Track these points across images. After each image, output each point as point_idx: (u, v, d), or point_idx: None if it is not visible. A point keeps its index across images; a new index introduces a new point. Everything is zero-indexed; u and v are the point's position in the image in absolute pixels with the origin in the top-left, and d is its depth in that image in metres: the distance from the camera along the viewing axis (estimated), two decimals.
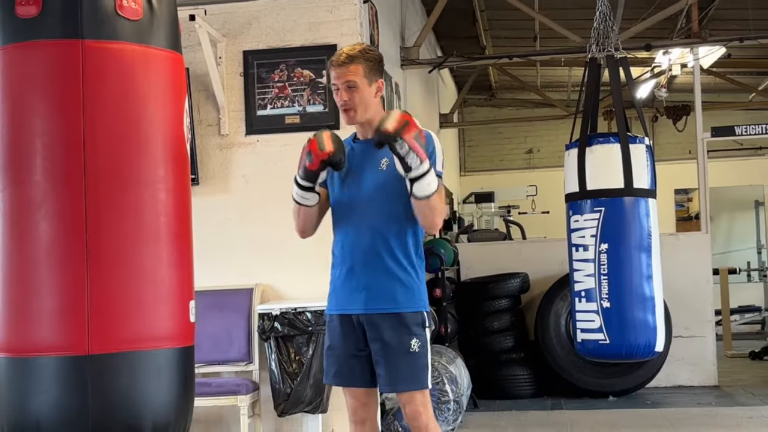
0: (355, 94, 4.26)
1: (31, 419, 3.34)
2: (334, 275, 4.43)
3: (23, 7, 3.38)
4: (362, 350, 4.30)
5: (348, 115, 4.31)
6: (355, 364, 4.30)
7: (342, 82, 4.26)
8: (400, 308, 4.24)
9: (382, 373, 4.24)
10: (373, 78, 4.34)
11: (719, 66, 13.49)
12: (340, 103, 4.30)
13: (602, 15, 7.23)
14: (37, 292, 3.35)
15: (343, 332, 4.31)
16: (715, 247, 12.70)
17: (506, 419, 8.60)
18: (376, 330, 4.22)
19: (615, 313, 6.61)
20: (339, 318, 4.33)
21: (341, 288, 4.34)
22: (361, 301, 4.24)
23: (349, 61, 4.28)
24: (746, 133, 10.73)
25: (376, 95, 4.36)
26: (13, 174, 3.39)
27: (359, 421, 4.38)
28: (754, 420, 8.00)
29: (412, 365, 4.22)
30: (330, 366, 4.36)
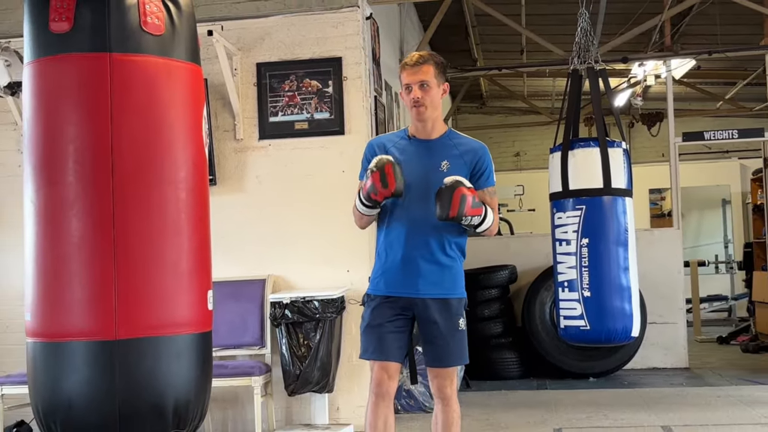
0: (427, 92, 4.30)
1: (63, 398, 3.34)
2: (385, 260, 4.42)
3: (56, 23, 3.38)
4: (401, 329, 4.37)
5: (419, 111, 4.33)
6: (394, 340, 4.34)
7: (415, 81, 4.30)
8: (449, 294, 4.38)
9: (433, 350, 4.37)
10: (441, 80, 4.39)
11: (690, 77, 13.49)
12: (412, 100, 4.32)
13: (583, 30, 7.23)
14: (69, 283, 3.35)
15: (387, 312, 4.35)
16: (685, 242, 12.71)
17: (496, 398, 8.60)
18: (428, 312, 4.32)
19: (595, 302, 6.61)
20: (385, 299, 4.37)
21: (394, 273, 4.37)
22: (415, 286, 4.31)
23: (422, 62, 4.33)
24: (714, 138, 10.73)
25: (442, 96, 4.41)
26: (47, 175, 3.40)
27: (383, 393, 4.35)
28: (722, 399, 8.00)
29: (460, 342, 4.40)
30: (370, 342, 4.37)
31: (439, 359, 4.38)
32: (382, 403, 4.35)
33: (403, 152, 4.39)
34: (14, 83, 7.06)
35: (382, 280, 4.41)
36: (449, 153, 4.38)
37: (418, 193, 4.32)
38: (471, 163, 4.39)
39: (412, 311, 4.36)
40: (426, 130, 4.40)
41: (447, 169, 4.31)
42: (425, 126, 4.39)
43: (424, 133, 4.42)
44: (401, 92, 4.46)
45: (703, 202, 17.87)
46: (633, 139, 16.42)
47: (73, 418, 3.33)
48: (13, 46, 7.14)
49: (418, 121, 4.39)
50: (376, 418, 4.34)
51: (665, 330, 10.32)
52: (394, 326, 4.34)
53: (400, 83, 4.44)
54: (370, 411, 4.37)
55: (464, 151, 4.41)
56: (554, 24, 11.29)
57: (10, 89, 7.15)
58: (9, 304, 7.52)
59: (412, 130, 4.46)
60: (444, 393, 4.42)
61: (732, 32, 11.50)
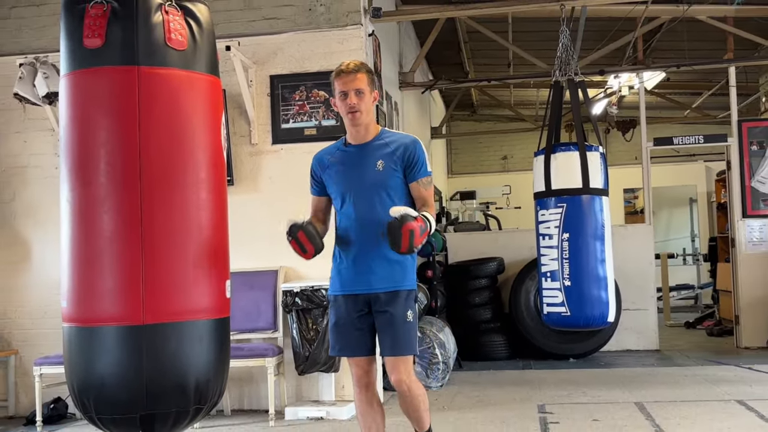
0: (361, 99, 4.21)
1: (96, 377, 3.34)
2: (340, 261, 4.33)
3: (90, 39, 3.38)
4: (365, 326, 4.26)
5: (355, 116, 4.22)
6: (359, 336, 4.25)
7: (351, 88, 4.20)
8: (398, 286, 4.22)
9: (386, 339, 4.20)
10: (373, 87, 4.30)
11: (660, 87, 13.48)
12: (348, 106, 4.21)
13: (564, 46, 7.23)
14: (101, 273, 3.35)
15: (348, 309, 4.25)
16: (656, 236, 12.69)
17: (485, 377, 8.61)
18: (380, 304, 4.19)
19: (575, 291, 6.61)
20: (344, 297, 4.27)
21: (347, 272, 4.27)
22: (368, 282, 4.20)
23: (356, 71, 4.23)
24: (682, 143, 10.73)
25: (373, 102, 4.31)
26: (81, 177, 3.40)
27: (363, 384, 4.32)
28: (689, 377, 8.00)
29: (408, 332, 4.21)
30: (336, 341, 4.29)
31: (391, 348, 4.20)
32: (365, 392, 4.32)
33: (341, 161, 4.32)
34: (52, 93, 7.06)
35: (338, 280, 4.32)
36: (382, 152, 4.25)
37: (361, 195, 4.24)
38: (403, 157, 4.24)
39: (368, 306, 4.24)
40: (360, 134, 4.29)
41: (382, 168, 4.20)
42: (359, 131, 4.28)
43: (358, 138, 4.30)
44: (333, 100, 4.33)
45: (672, 201, 17.88)
46: (609, 144, 16.42)
47: (105, 395, 3.33)
48: (50, 60, 7.14)
49: (353, 126, 4.26)
50: (361, 404, 4.34)
51: (638, 316, 10.32)
52: (358, 325, 4.24)
53: (334, 90, 4.30)
54: (356, 400, 4.37)
55: (395, 148, 4.27)
56: (538, 40, 11.29)
57: (48, 99, 7.16)
58: (46, 293, 7.52)
59: (349, 137, 4.34)
60: (401, 387, 4.23)
61: (698, 48, 11.50)
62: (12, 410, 7.52)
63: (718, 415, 6.19)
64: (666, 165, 16.28)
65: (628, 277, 10.04)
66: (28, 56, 7.32)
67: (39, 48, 7.60)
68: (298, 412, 6.78)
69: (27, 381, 7.48)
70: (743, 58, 10.88)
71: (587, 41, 10.59)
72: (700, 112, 14.89)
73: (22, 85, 7.17)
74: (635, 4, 9.35)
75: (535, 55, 10.39)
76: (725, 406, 6.55)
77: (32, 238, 7.65)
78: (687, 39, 11.04)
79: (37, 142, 7.72)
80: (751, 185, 10.34)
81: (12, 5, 7.82)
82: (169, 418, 3.39)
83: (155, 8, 3.42)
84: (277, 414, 6.80)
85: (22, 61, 7.21)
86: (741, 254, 10.35)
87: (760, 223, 10.31)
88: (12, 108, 7.69)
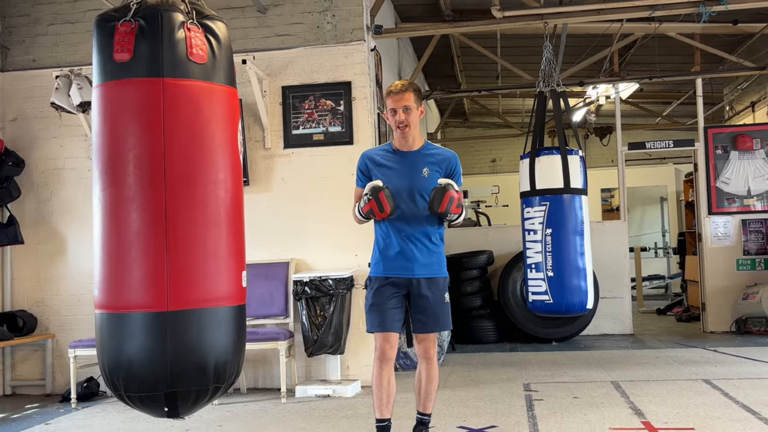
0: (409, 114, 4.41)
1: (125, 359, 3.34)
2: (384, 249, 4.49)
3: (119, 54, 3.37)
4: (399, 305, 4.44)
5: (404, 131, 4.43)
6: (394, 314, 4.42)
7: (401, 106, 4.40)
8: (436, 274, 4.48)
9: (423, 319, 4.44)
10: (419, 104, 4.49)
11: (634, 97, 13.47)
12: (398, 121, 4.41)
13: (547, 60, 7.22)
14: (129, 265, 3.34)
15: (387, 292, 4.43)
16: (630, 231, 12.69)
17: (476, 359, 8.61)
18: (420, 288, 4.41)
19: (557, 280, 6.61)
20: (385, 280, 4.44)
21: (392, 259, 4.44)
22: (411, 269, 4.41)
23: (405, 90, 4.42)
24: (654, 147, 10.72)
25: (420, 117, 4.50)
26: (112, 177, 3.39)
27: (386, 359, 4.43)
28: (660, 359, 8.00)
29: (446, 312, 4.49)
30: (375, 318, 4.43)
31: (429, 326, 4.45)
32: (386, 366, 4.43)
33: (391, 163, 4.50)
34: (85, 102, 7.07)
35: (381, 265, 4.48)
36: (428, 161, 4.48)
37: (406, 194, 4.42)
38: (445, 168, 4.50)
39: (407, 289, 4.43)
40: (408, 144, 4.50)
41: (428, 175, 4.43)
42: (407, 141, 4.49)
43: (406, 147, 4.51)
44: (385, 114, 4.53)
45: (645, 200, 17.88)
46: (588, 148, 16.42)
47: (133, 375, 3.33)
48: (84, 72, 7.15)
49: (402, 138, 4.47)
50: (381, 378, 4.43)
51: (614, 303, 10.32)
52: (393, 304, 4.41)
53: (385, 107, 4.52)
54: (376, 373, 4.45)
55: (440, 160, 4.51)
56: (524, 54, 11.29)
57: (82, 108, 7.16)
58: (80, 282, 7.53)
59: (396, 145, 4.53)
60: (429, 354, 4.52)
61: (668, 61, 11.50)
62: (49, 388, 7.53)
63: (686, 393, 6.19)
64: (639, 167, 16.28)
65: (605, 269, 10.05)
66: (63, 69, 7.33)
67: (73, 62, 7.61)
68: (307, 390, 6.79)
69: (63, 362, 7.49)
70: (709, 70, 10.89)
71: (568, 55, 10.60)
72: (670, 120, 14.89)
73: (59, 95, 7.17)
74: (611, 22, 9.35)
75: (521, 68, 10.40)
76: (693, 384, 6.55)
77: (67, 233, 7.66)
78: (658, 53, 11.05)
79: (72, 146, 7.72)
80: (716, 185, 10.34)
81: (49, 23, 7.82)
82: (191, 395, 3.38)
83: (178, 26, 3.41)
84: (289, 392, 6.80)
85: (58, 74, 7.22)
86: (707, 248, 10.35)
87: (724, 220, 10.31)
88: (49, 116, 7.71)
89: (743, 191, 10.29)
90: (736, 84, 12.21)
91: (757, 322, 9.77)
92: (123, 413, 6.32)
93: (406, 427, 4.86)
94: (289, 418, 5.94)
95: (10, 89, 7.84)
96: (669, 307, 13.15)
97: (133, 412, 6.17)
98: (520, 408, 5.87)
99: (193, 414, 3.70)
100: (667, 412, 5.53)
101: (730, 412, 5.45)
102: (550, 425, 5.27)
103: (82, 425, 6.03)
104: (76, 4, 7.79)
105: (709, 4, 7.08)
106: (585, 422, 5.32)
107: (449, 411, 5.82)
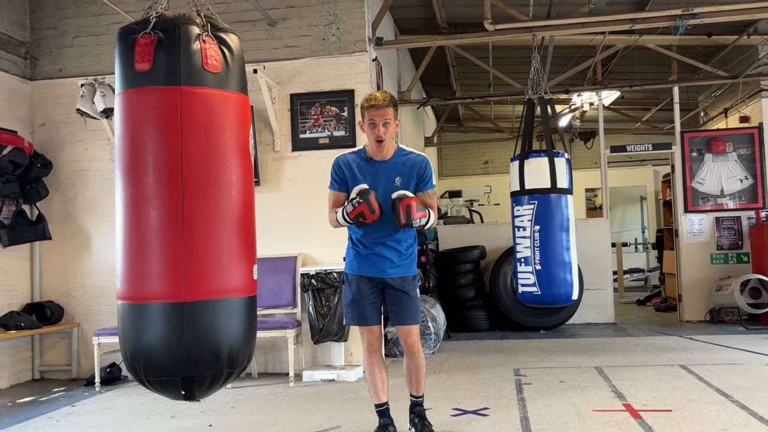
0: (387, 128, 4.32)
1: (145, 346, 3.34)
2: (359, 249, 4.44)
3: (140, 64, 3.37)
4: (376, 300, 4.44)
5: (381, 143, 4.32)
6: (372, 309, 4.42)
7: (381, 121, 4.29)
8: (406, 273, 4.43)
9: (397, 312, 4.40)
10: (396, 116, 4.41)
11: (616, 104, 13.48)
12: (377, 134, 4.30)
13: (536, 69, 7.21)
14: (149, 259, 3.34)
15: (363, 288, 4.41)
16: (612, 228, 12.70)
17: (470, 346, 8.61)
18: (392, 286, 4.39)
19: (544, 273, 6.61)
20: (360, 278, 4.41)
21: (366, 259, 4.40)
22: (383, 270, 4.37)
23: (386, 105, 4.31)
24: (634, 150, 10.73)
25: (395, 129, 4.42)
26: (132, 178, 3.39)
27: (373, 350, 4.46)
28: (640, 346, 8.00)
29: (414, 306, 4.43)
30: (354, 313, 4.42)
31: (402, 319, 4.42)
32: (374, 355, 4.48)
33: (364, 171, 4.39)
34: (108, 109, 7.07)
35: (356, 263, 4.44)
36: (400, 170, 4.38)
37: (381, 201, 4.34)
38: (417, 173, 4.40)
39: (382, 284, 4.42)
40: (382, 153, 4.39)
41: (400, 183, 4.35)
42: (381, 151, 4.37)
43: (380, 156, 4.39)
44: (361, 122, 4.39)
45: (626, 199, 17.87)
46: (573, 151, 16.39)
47: (152, 361, 3.33)
48: (107, 81, 7.15)
49: (377, 148, 4.35)
50: (372, 366, 4.48)
51: (597, 294, 10.32)
52: (370, 299, 4.41)
53: (363, 116, 4.37)
54: (366, 363, 4.49)
55: (410, 166, 4.40)
56: (514, 65, 11.28)
57: (105, 113, 7.16)
58: (104, 275, 7.53)
59: (370, 152, 4.41)
60: (413, 348, 4.47)
61: (647, 71, 11.49)
62: (75, 373, 7.53)
63: (664, 377, 6.19)
64: (620, 169, 16.27)
65: (588, 262, 10.05)
66: (88, 78, 7.33)
67: (97, 71, 7.61)
68: (313, 375, 6.79)
69: (87, 349, 7.50)
70: (685, 79, 10.89)
71: (555, 65, 10.61)
72: (649, 125, 14.88)
73: (84, 102, 7.17)
74: (595, 35, 9.35)
75: (511, 77, 10.39)
76: (670, 369, 6.55)
77: (91, 229, 7.66)
78: (638, 64, 11.05)
79: (96, 149, 7.72)
80: (691, 185, 10.33)
81: (75, 35, 7.82)
82: (206, 380, 3.38)
83: (194, 38, 3.41)
84: (296, 376, 6.80)
85: (83, 82, 7.22)
86: (683, 243, 10.35)
87: (699, 218, 10.31)
88: (75, 121, 7.71)
89: (717, 191, 10.29)
90: (710, 92, 12.20)
91: (730, 311, 9.77)
92: (143, 396, 6.33)
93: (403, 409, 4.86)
94: (297, 400, 5.94)
95: (39, 96, 7.84)
96: (648, 298, 13.16)
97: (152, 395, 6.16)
98: (510, 391, 5.87)
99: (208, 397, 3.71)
100: (647, 395, 5.53)
101: (704, 395, 5.45)
102: (538, 407, 5.27)
103: (105, 407, 6.03)
104: (99, 18, 7.78)
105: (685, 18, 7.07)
106: (570, 404, 5.32)
107: (444, 394, 5.82)
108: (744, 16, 7.26)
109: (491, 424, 4.84)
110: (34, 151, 7.61)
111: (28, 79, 7.83)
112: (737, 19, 7.69)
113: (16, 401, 6.51)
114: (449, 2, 9.11)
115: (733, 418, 4.75)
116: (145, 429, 5.18)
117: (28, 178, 7.47)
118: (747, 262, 10.14)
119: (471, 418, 5.03)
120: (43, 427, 5.42)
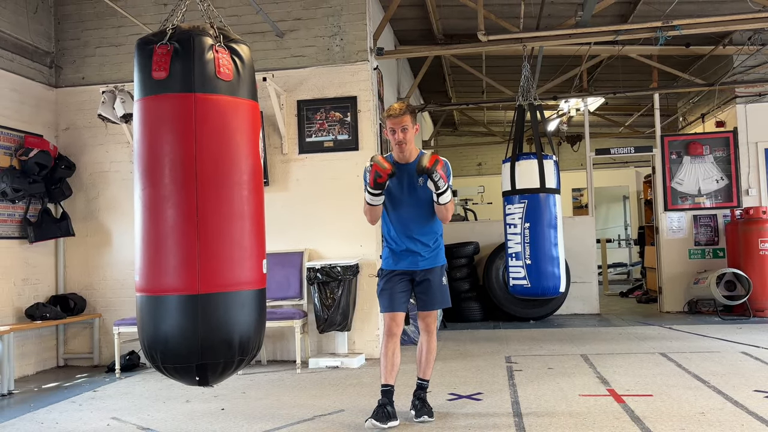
0: (406, 133, 4.47)
1: (161, 336, 3.34)
2: (393, 248, 4.59)
3: (157, 72, 3.37)
4: (405, 290, 4.59)
5: (401, 148, 4.48)
6: (400, 297, 4.55)
7: (399, 127, 4.45)
8: (435, 264, 4.61)
9: (426, 299, 4.59)
10: (414, 122, 4.54)
11: (600, 110, 13.46)
12: (397, 140, 4.46)
13: (526, 77, 7.21)
14: (166, 254, 3.34)
15: (396, 279, 4.56)
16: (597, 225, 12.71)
17: (465, 335, 8.60)
18: (423, 276, 4.56)
19: (534, 267, 6.61)
20: (394, 272, 4.57)
21: (400, 256, 4.57)
22: (416, 263, 4.55)
23: (403, 113, 4.45)
24: (618, 152, 10.72)
25: (414, 134, 4.54)
26: (150, 179, 3.39)
27: (392, 334, 4.54)
28: (623, 335, 8.00)
29: (444, 292, 4.65)
30: (385, 301, 4.55)
31: (431, 304, 4.59)
32: (391, 340, 4.54)
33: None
34: (127, 114, 7.06)
35: (391, 260, 4.60)
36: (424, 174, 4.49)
37: (407, 201, 4.52)
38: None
39: (412, 277, 4.57)
40: (405, 157, 4.53)
41: (423, 183, 4.46)
42: (404, 155, 4.53)
43: (404, 159, 4.54)
44: (386, 131, 4.56)
45: (610, 198, 17.87)
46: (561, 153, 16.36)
47: (169, 349, 3.32)
48: (126, 88, 7.14)
49: (400, 152, 4.51)
50: (387, 349, 4.53)
51: (583, 287, 10.32)
52: (400, 288, 4.56)
53: (384, 125, 4.55)
54: (384, 346, 4.56)
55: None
56: (505, 73, 11.27)
57: (125, 119, 7.16)
58: (123, 269, 7.53)
59: (396, 157, 4.55)
60: (430, 328, 4.66)
61: (630, 79, 11.48)
62: (96, 360, 7.54)
63: (645, 365, 6.19)
64: (605, 170, 16.28)
65: (575, 257, 10.05)
66: (109, 85, 7.32)
67: (117, 79, 7.61)
68: (318, 362, 6.79)
69: (108, 338, 7.50)
70: (665, 87, 10.88)
71: (544, 74, 10.60)
72: (631, 129, 14.87)
73: (105, 108, 7.17)
74: (581, 45, 9.35)
75: (503, 85, 10.39)
76: (651, 357, 6.55)
77: (112, 227, 7.66)
78: (621, 72, 11.04)
79: (116, 152, 7.72)
80: (671, 186, 10.32)
81: (96, 45, 7.81)
82: (218, 366, 3.38)
83: (208, 48, 3.41)
84: (303, 364, 6.81)
85: (104, 89, 7.21)
86: (663, 239, 10.35)
87: (678, 215, 10.30)
88: (96, 126, 7.71)
89: (694, 191, 10.28)
90: (689, 98, 12.19)
91: (707, 303, 9.77)
92: (160, 382, 6.33)
93: (404, 393, 4.86)
94: (304, 386, 5.95)
95: (63, 103, 7.84)
96: (630, 290, 13.16)
97: (168, 380, 6.19)
98: (502, 377, 5.87)
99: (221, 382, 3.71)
100: (629, 381, 5.53)
101: (683, 381, 5.45)
102: (528, 392, 5.27)
103: (125, 392, 6.04)
104: (119, 29, 7.78)
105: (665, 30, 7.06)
106: (558, 389, 5.32)
107: (441, 380, 5.82)
108: (720, 28, 7.25)
109: (484, 408, 4.84)
110: (58, 153, 7.61)
111: (53, 87, 7.83)
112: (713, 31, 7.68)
113: (42, 386, 6.52)
114: (445, 15, 9.10)
115: (710, 402, 4.75)
116: (162, 412, 5.19)
117: (53, 179, 7.47)
118: (722, 257, 10.14)
119: (466, 402, 5.03)
120: (67, 410, 5.42)
